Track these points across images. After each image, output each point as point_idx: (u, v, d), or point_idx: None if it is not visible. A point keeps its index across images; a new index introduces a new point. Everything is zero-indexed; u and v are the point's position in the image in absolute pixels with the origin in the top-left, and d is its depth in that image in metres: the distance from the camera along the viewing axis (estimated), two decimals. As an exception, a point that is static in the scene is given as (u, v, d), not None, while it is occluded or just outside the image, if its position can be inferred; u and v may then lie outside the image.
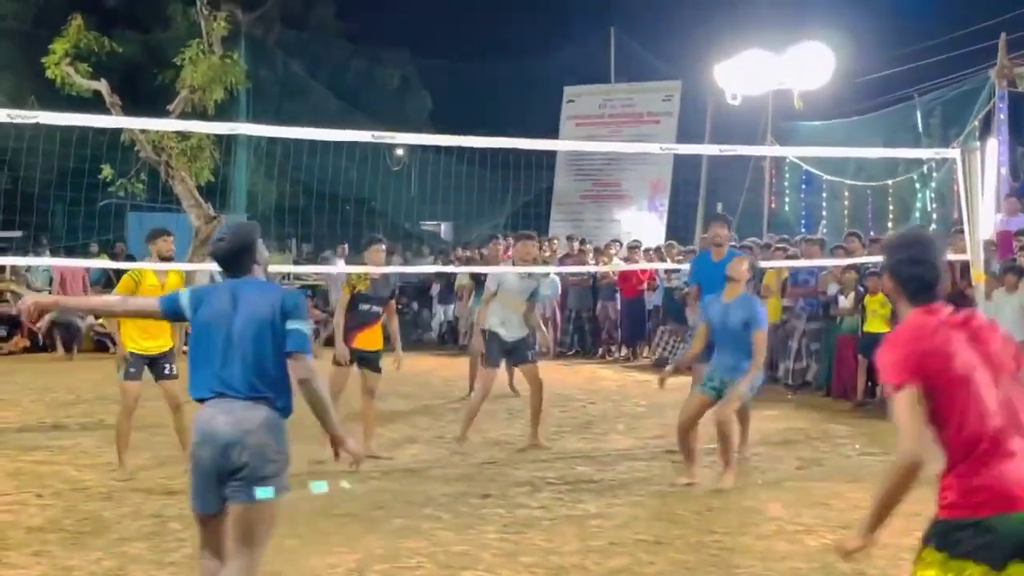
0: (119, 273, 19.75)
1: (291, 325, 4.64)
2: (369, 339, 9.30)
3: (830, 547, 6.49)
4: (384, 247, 9.50)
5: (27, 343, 18.58)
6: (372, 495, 7.85)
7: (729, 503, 7.56)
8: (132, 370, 8.73)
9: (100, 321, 19.32)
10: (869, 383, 12.83)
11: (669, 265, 16.91)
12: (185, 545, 6.48)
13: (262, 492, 4.52)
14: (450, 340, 20.17)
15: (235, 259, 4.82)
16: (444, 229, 31.57)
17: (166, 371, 8.97)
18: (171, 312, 4.93)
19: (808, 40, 19.52)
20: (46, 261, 18.97)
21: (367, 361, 9.29)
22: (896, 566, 6.10)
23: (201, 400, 4.68)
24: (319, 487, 5.39)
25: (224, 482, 4.54)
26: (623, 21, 27.25)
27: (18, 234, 21.01)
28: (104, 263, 19.04)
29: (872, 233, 17.03)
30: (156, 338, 8.88)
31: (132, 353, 8.75)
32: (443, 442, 10.15)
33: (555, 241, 20.82)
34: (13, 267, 19.03)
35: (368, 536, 6.73)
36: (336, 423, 4.86)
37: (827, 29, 20.60)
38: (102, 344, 19.07)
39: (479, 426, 11.02)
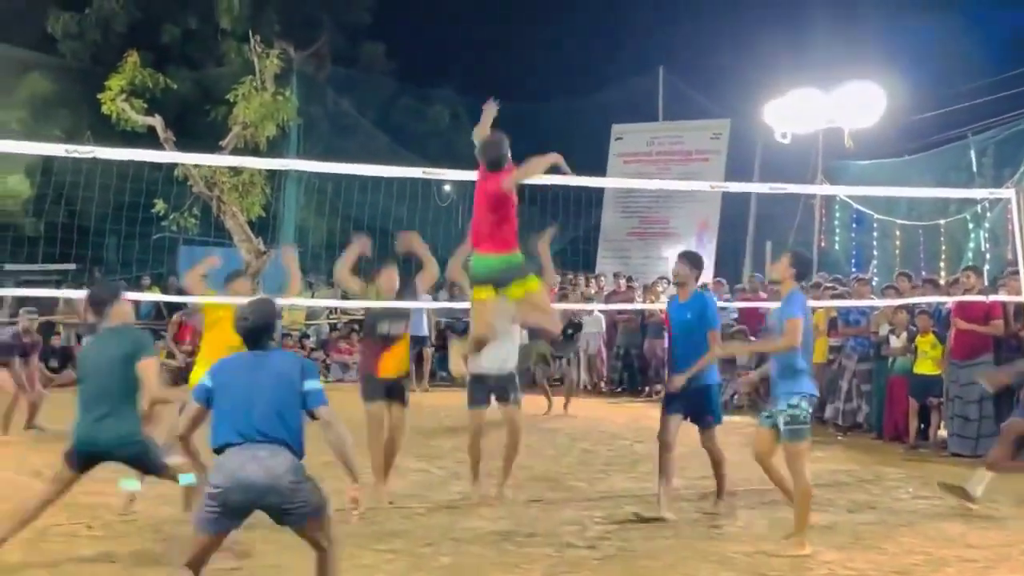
0: (170, 306, 20.18)
1: (309, 386, 5.36)
2: (391, 365, 9.02)
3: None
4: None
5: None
6: (418, 531, 7.84)
7: (780, 546, 7.45)
8: None
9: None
10: (921, 425, 12.68)
11: (717, 304, 16.82)
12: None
13: (312, 513, 5.31)
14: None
15: (257, 336, 5.50)
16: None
17: None
18: (206, 400, 5.45)
19: (859, 79, 19.44)
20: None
21: (392, 391, 8.99)
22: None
23: (222, 447, 5.23)
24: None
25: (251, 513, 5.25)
26: (671, 60, 27.31)
27: (72, 267, 21.31)
28: (155, 296, 19.28)
29: (924, 273, 16.86)
30: None
31: None
32: (490, 479, 10.10)
33: (602, 278, 20.78)
34: (67, 299, 19.26)
35: (414, 573, 6.71)
36: (354, 464, 5.48)
37: (878, 68, 20.53)
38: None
39: (523, 463, 10.98)
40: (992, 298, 11.75)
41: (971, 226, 19.51)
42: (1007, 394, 11.86)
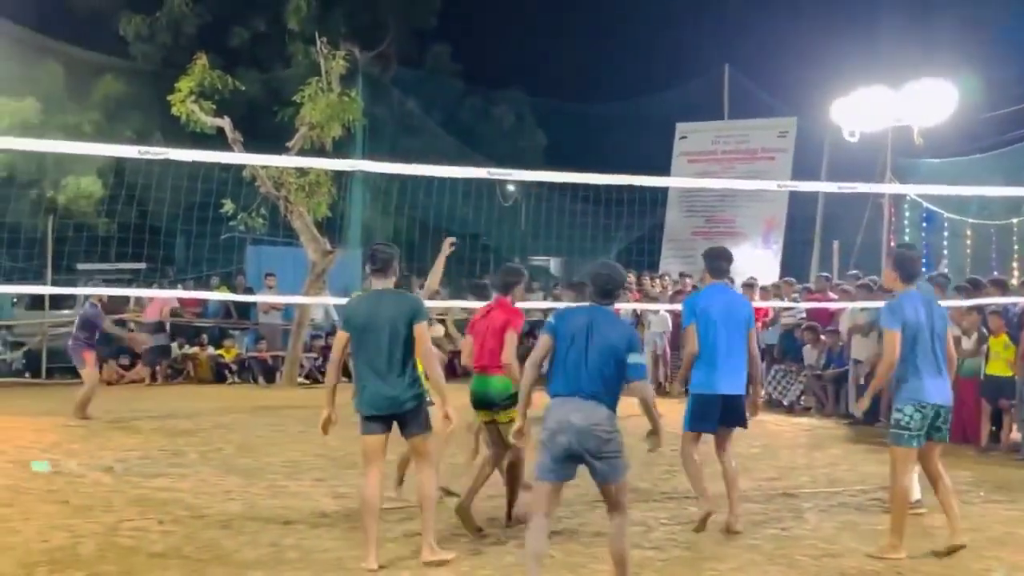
0: (238, 306, 20.44)
1: (632, 359, 6.09)
2: None
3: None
4: None
5: (149, 371, 19.12)
6: (486, 526, 7.85)
7: (848, 549, 7.37)
8: None
9: (220, 351, 19.82)
10: (993, 428, 12.46)
11: (784, 304, 16.68)
12: (301, 574, 6.57)
13: (615, 476, 6.05)
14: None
15: (607, 293, 6.31)
16: (554, 264, 31.65)
17: None
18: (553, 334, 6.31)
19: (928, 76, 19.14)
20: (168, 293, 19.50)
21: None
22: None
23: (555, 395, 6.12)
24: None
25: (577, 462, 6.04)
26: (737, 58, 27.13)
27: (143, 266, 21.68)
28: (224, 295, 19.54)
29: (996, 273, 16.58)
30: None
31: None
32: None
33: (666, 277, 20.69)
34: (138, 298, 19.61)
35: (480, 571, 6.73)
36: (656, 419, 6.24)
37: (948, 64, 20.21)
38: (220, 374, 19.54)
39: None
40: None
41: (1044, 226, 19.18)
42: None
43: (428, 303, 8.29)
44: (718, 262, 8.37)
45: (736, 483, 7.96)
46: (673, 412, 8.61)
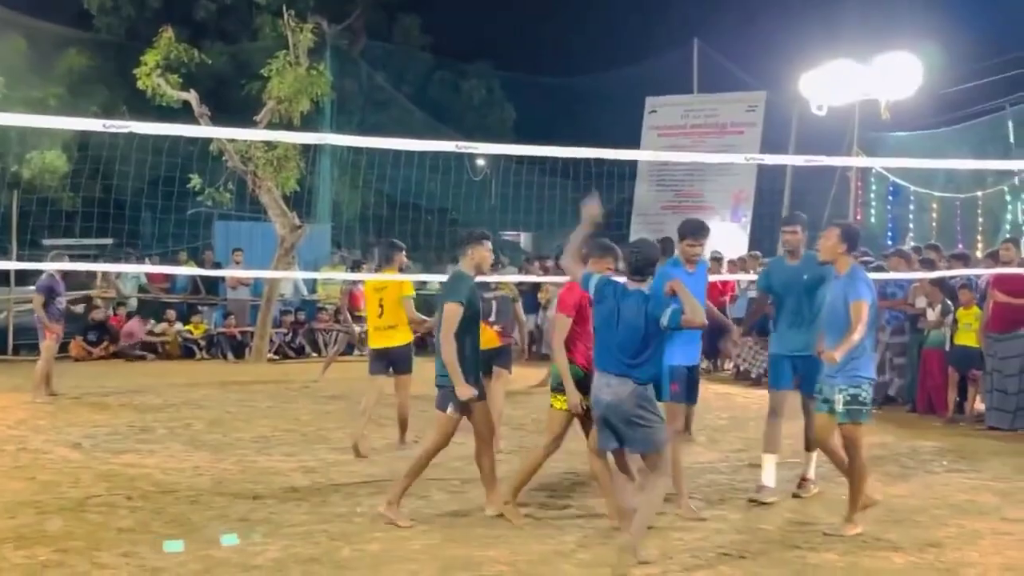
0: (206, 281, 20.34)
1: (663, 322, 6.42)
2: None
3: (918, 565, 6.39)
4: None
5: (115, 348, 19.00)
6: (453, 504, 7.90)
7: (813, 518, 7.46)
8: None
9: (188, 327, 19.73)
10: (957, 398, 12.60)
11: (752, 276, 16.75)
12: (270, 548, 6.58)
13: (647, 447, 6.49)
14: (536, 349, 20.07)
15: (640, 269, 6.66)
16: (524, 239, 31.64)
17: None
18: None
19: (895, 50, 19.22)
20: (136, 268, 19.36)
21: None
22: (986, 585, 5.99)
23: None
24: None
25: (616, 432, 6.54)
26: (706, 32, 27.12)
27: (109, 241, 21.50)
28: (192, 270, 19.43)
29: (960, 246, 16.72)
30: None
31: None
32: (524, 451, 10.15)
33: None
34: (104, 274, 19.46)
35: (449, 544, 6.76)
36: None
37: (915, 39, 20.28)
38: (188, 350, 19.46)
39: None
40: (1030, 270, 11.63)
41: (1008, 198, 19.33)
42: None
43: None
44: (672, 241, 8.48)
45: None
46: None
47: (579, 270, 7.02)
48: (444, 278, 8.79)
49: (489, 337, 9.59)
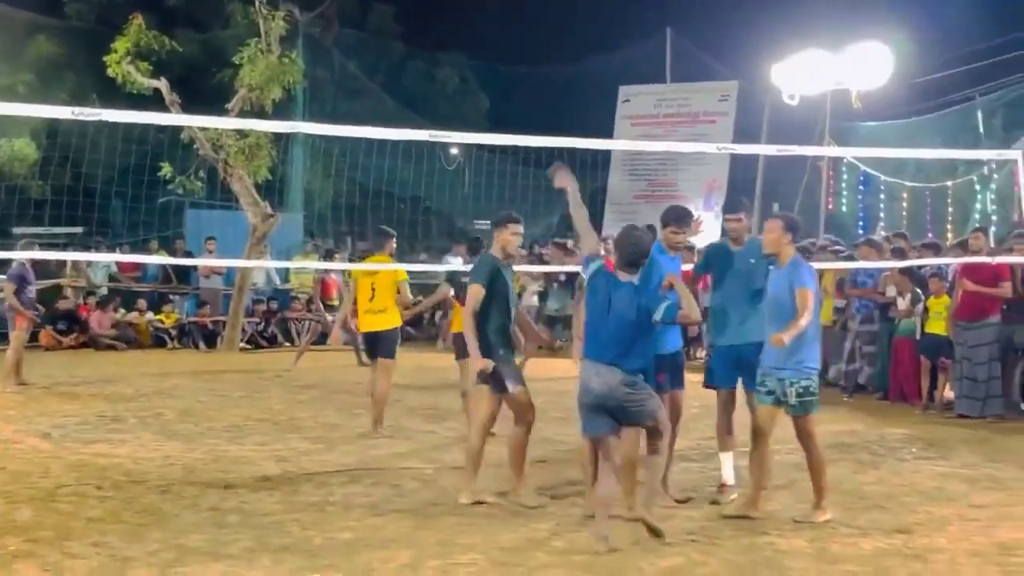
0: (177, 270, 20.23)
1: (656, 316, 6.56)
2: None
3: (886, 551, 6.44)
4: None
5: (84, 338, 18.86)
6: (426, 492, 7.90)
7: (783, 505, 7.50)
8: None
9: (159, 317, 19.62)
10: (927, 386, 12.70)
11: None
12: (242, 538, 6.56)
13: (642, 418, 6.66)
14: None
15: (631, 263, 6.75)
16: (498, 228, 31.59)
17: None
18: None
19: (867, 40, 19.32)
20: (106, 257, 19.24)
21: None
22: (954, 571, 6.04)
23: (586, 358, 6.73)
24: None
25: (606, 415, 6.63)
26: (679, 21, 27.15)
27: (79, 230, 21.35)
28: (162, 259, 19.33)
29: (930, 235, 16.84)
30: None
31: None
32: (497, 439, 10.16)
33: (609, 240, 20.76)
34: (74, 263, 19.32)
35: (422, 532, 6.76)
36: None
37: (886, 29, 20.40)
38: (160, 339, 19.37)
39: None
40: (998, 260, 11.73)
41: (978, 188, 19.47)
42: (1014, 356, 11.93)
43: None
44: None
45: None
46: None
47: (592, 241, 7.36)
48: (420, 267, 8.88)
49: None
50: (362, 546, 6.43)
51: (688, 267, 8.34)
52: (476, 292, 7.51)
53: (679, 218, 7.85)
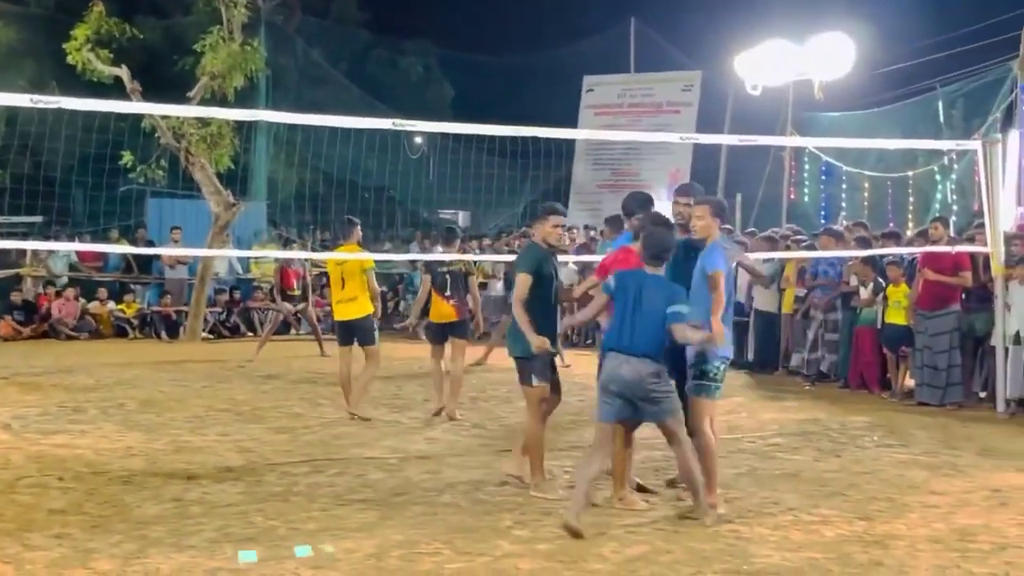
0: (138, 259, 20.07)
1: (671, 309, 6.69)
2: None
3: (847, 537, 6.50)
4: None
5: (44, 328, 18.67)
6: (390, 482, 7.89)
7: (746, 493, 7.56)
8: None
9: (120, 307, 19.46)
10: (887, 375, 12.82)
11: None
12: (205, 528, 6.53)
13: (663, 415, 6.80)
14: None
15: (656, 258, 6.90)
16: (462, 218, 31.57)
17: None
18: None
19: (829, 30, 19.43)
20: (67, 246, 19.05)
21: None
22: (914, 557, 6.11)
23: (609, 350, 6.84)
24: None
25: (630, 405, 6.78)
26: (643, 11, 27.20)
27: (39, 219, 21.13)
28: (124, 248, 19.15)
29: (892, 225, 16.97)
30: None
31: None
32: (461, 429, 10.19)
33: (574, 230, 20.82)
34: (34, 252, 19.12)
35: (386, 522, 6.75)
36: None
37: (848, 19, 20.52)
38: (121, 329, 19.21)
39: (494, 412, 11.08)
40: (958, 249, 11.85)
41: (939, 178, 19.63)
42: (975, 344, 12.06)
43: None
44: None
45: None
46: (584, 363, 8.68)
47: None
48: (382, 256, 8.90)
49: (447, 311, 10.84)
50: (326, 536, 6.41)
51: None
52: (524, 281, 7.57)
53: (643, 204, 7.87)
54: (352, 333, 10.66)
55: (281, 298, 16.46)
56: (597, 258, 16.75)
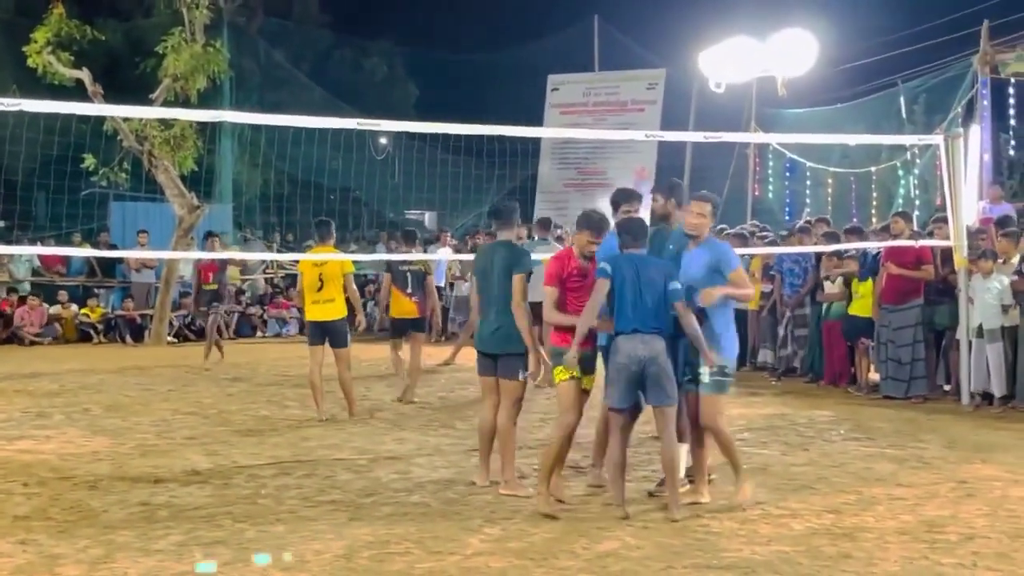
0: (101, 262, 19.89)
1: (671, 286, 6.87)
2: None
3: (816, 530, 6.54)
4: None
5: (6, 334, 18.48)
6: (359, 483, 7.86)
7: (714, 489, 7.57)
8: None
9: (84, 311, 19.29)
10: (853, 369, 12.90)
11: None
12: (172, 532, 6.48)
13: (666, 399, 6.88)
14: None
15: (637, 237, 7.09)
16: (428, 218, 31.54)
17: None
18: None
19: (792, 27, 19.54)
20: (28, 250, 18.86)
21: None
22: (883, 549, 6.14)
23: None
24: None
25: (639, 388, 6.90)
26: (607, 9, 27.27)
27: (0, 223, 20.90)
28: (87, 252, 18.97)
29: (855, 220, 17.09)
30: None
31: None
32: (430, 429, 10.16)
33: (559, 230, 20.83)
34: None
35: (355, 523, 6.72)
36: (702, 342, 7.01)
37: (810, 16, 20.66)
38: (85, 334, 19.04)
39: (463, 413, 11.05)
40: (921, 243, 11.94)
41: (901, 173, 19.80)
42: (938, 338, 12.15)
43: None
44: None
45: None
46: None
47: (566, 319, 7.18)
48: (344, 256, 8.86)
49: (408, 307, 11.68)
50: (294, 538, 6.37)
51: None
52: (521, 282, 7.46)
53: (628, 197, 7.97)
54: (325, 334, 10.59)
55: (196, 293, 16.28)
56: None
